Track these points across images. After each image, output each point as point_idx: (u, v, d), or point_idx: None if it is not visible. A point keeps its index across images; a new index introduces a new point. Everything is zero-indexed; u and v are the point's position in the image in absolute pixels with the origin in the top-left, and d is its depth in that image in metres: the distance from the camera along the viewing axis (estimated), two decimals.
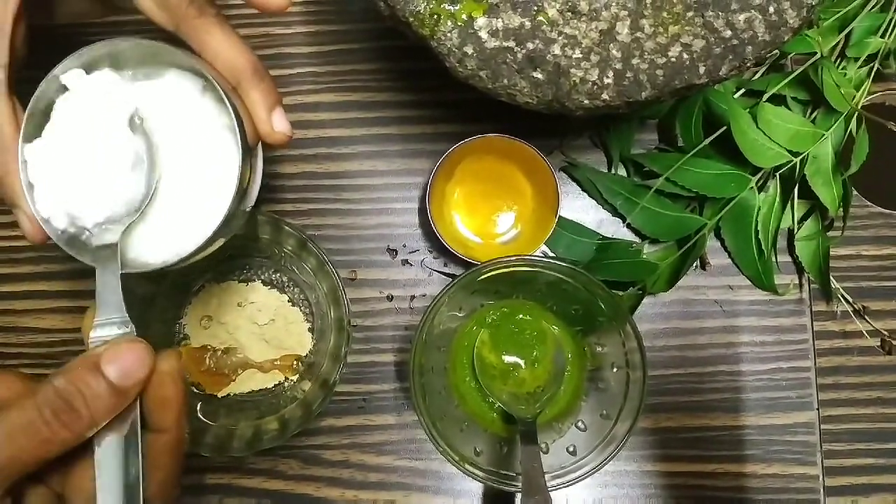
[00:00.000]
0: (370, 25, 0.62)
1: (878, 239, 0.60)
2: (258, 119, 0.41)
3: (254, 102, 0.40)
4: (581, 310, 0.55)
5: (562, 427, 0.55)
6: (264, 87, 0.40)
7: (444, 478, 0.58)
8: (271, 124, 0.41)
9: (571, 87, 0.44)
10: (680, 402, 0.59)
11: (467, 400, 0.57)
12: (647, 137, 0.61)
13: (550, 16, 0.44)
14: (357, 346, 0.59)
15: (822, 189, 0.57)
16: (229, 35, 0.40)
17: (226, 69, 0.40)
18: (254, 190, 0.44)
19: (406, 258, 0.60)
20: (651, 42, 0.44)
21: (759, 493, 0.58)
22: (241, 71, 0.40)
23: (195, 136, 0.41)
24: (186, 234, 0.40)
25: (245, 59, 0.40)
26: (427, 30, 0.44)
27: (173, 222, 0.41)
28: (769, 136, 0.55)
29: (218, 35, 0.39)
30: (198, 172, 0.41)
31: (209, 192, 0.41)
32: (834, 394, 0.59)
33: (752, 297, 0.60)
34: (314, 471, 0.58)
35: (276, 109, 0.41)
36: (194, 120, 0.41)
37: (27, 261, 0.61)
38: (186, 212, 0.41)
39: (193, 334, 0.58)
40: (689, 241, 0.58)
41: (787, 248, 0.60)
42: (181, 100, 0.41)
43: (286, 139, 0.41)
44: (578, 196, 0.61)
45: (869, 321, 0.59)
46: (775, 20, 0.44)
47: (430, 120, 0.61)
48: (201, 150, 0.41)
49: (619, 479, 0.58)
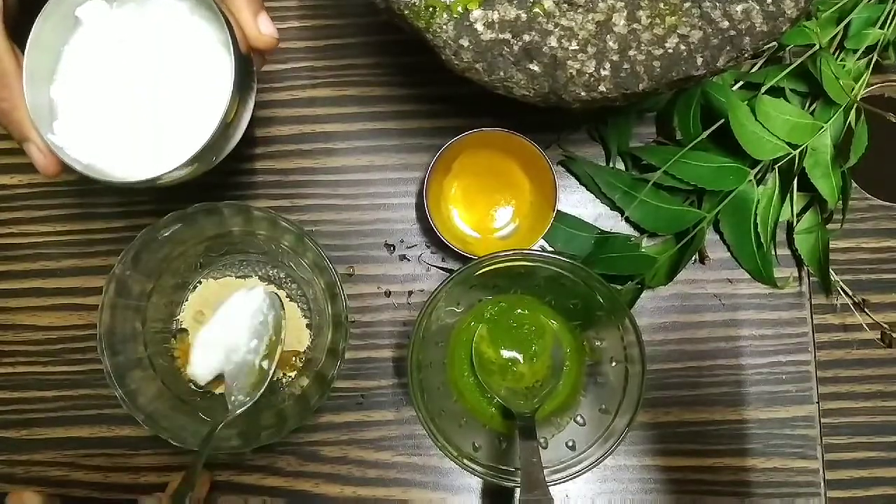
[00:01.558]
0: (366, 20, 0.62)
1: (878, 231, 0.60)
2: (245, 23, 0.43)
3: (239, 9, 0.43)
4: (580, 304, 0.55)
5: (561, 422, 0.54)
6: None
7: (442, 473, 0.58)
8: (258, 28, 0.43)
9: (568, 79, 0.44)
10: (679, 396, 0.59)
11: (466, 395, 0.56)
12: (645, 131, 0.61)
13: (546, 7, 0.43)
14: (355, 342, 0.59)
15: (822, 181, 0.56)
16: None
17: None
18: (244, 119, 0.47)
19: (404, 253, 0.60)
20: (648, 33, 0.43)
21: (759, 487, 0.58)
22: None
23: (188, 53, 0.45)
24: (177, 148, 0.43)
25: None
26: (422, 22, 0.44)
27: (165, 138, 0.45)
28: (768, 129, 0.55)
29: None
30: (192, 88, 0.45)
31: (203, 107, 0.44)
32: (834, 387, 0.59)
33: (751, 291, 0.60)
34: (312, 467, 0.58)
35: (261, 14, 0.44)
36: (187, 39, 0.45)
37: (23, 258, 0.60)
38: (179, 127, 0.45)
39: (191, 329, 0.58)
40: (688, 235, 0.57)
41: (786, 241, 0.60)
42: (173, 22, 0.45)
43: (273, 41, 0.44)
44: (576, 190, 0.61)
45: (869, 314, 0.59)
46: (773, 10, 0.43)
47: (428, 114, 0.61)
48: (195, 66, 0.45)
49: (619, 474, 0.58)
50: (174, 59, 0.45)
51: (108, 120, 0.45)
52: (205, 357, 0.54)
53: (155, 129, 0.45)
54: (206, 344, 0.55)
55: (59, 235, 0.61)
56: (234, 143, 0.48)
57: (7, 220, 0.61)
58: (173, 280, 0.57)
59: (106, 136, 0.45)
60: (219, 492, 0.58)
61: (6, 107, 0.42)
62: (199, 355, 0.54)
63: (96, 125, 0.45)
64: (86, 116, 0.45)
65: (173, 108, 0.45)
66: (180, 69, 0.45)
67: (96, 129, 0.45)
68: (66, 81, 0.45)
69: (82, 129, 0.45)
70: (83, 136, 0.44)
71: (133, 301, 0.54)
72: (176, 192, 0.60)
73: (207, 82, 0.44)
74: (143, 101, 0.44)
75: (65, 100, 0.44)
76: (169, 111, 0.45)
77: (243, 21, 0.43)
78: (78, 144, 0.44)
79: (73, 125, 0.44)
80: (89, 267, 0.60)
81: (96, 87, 0.45)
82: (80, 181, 0.60)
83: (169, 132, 0.45)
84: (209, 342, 0.55)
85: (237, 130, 0.47)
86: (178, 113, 0.45)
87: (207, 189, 0.60)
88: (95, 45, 0.44)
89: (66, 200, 0.61)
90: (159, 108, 0.45)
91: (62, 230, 0.61)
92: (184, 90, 0.45)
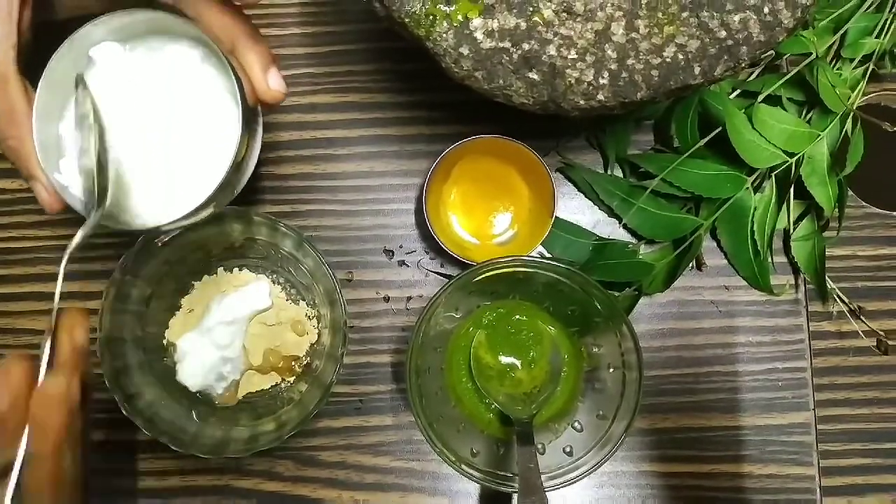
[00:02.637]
0: (366, 27, 0.62)
1: (874, 239, 0.61)
2: (255, 78, 0.43)
3: (250, 64, 0.43)
4: (577, 310, 0.55)
5: (558, 428, 0.55)
6: (259, 49, 0.43)
7: (440, 478, 0.58)
8: (267, 82, 0.43)
9: (567, 87, 0.44)
10: (676, 402, 0.59)
11: (464, 401, 0.57)
12: (643, 138, 0.61)
13: (546, 16, 0.44)
14: (354, 348, 0.59)
15: (818, 189, 0.57)
16: (223, 2, 0.42)
17: (222, 34, 0.42)
18: (251, 160, 0.48)
19: (403, 259, 0.60)
20: (646, 42, 0.44)
21: (755, 493, 0.58)
22: (237, 35, 0.42)
23: (198, 100, 0.45)
24: (189, 192, 0.43)
25: (239, 23, 0.42)
26: (423, 31, 0.44)
27: (177, 183, 0.44)
28: (765, 137, 0.55)
29: (213, 4, 0.42)
30: (202, 134, 0.45)
31: (212, 152, 0.44)
32: (830, 394, 0.59)
33: (748, 298, 0.60)
34: (311, 472, 0.58)
35: (272, 69, 0.43)
36: (196, 87, 0.45)
37: (22, 262, 0.61)
38: (190, 172, 0.44)
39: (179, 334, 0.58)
40: (685, 242, 0.58)
41: (783, 249, 0.60)
42: (183, 68, 0.45)
43: (281, 96, 0.44)
44: (575, 197, 0.61)
45: (865, 321, 0.60)
46: (770, 20, 0.44)
47: (427, 121, 0.61)
48: (205, 113, 0.45)
49: (616, 480, 0.58)
50: (183, 104, 0.45)
51: (114, 161, 0.44)
52: (192, 366, 0.55)
53: (161, 174, 0.45)
54: (192, 352, 0.55)
55: (59, 240, 0.61)
56: (240, 187, 0.48)
57: (7, 224, 0.61)
58: (173, 285, 0.57)
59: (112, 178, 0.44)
60: (217, 496, 0.58)
61: (14, 144, 0.42)
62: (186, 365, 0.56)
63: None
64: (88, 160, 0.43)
65: (180, 153, 0.45)
66: (188, 115, 0.45)
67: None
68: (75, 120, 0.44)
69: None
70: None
71: (133, 306, 0.54)
72: None
73: (215, 129, 0.45)
74: (150, 144, 0.44)
75: (72, 138, 0.44)
76: (176, 157, 0.45)
77: (253, 76, 0.43)
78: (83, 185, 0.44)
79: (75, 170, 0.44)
80: (89, 271, 0.60)
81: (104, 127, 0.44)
82: None
83: (175, 178, 0.45)
84: (194, 349, 0.55)
85: (244, 174, 0.48)
86: (184, 160, 0.45)
87: None
88: (106, 85, 0.44)
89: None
90: (167, 153, 0.45)
91: (62, 234, 0.61)
92: (191, 136, 0.45)
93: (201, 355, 0.55)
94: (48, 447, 0.36)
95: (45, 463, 0.36)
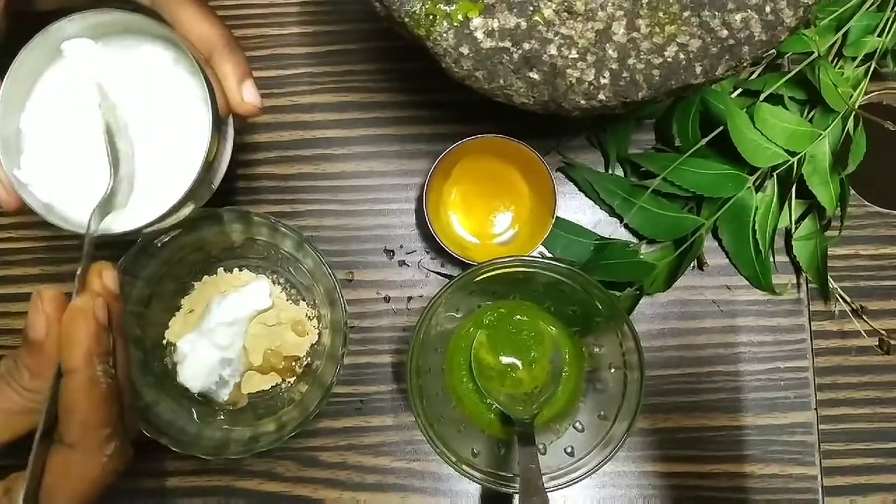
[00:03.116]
0: (366, 26, 0.62)
1: (876, 238, 0.60)
2: (229, 90, 0.42)
3: (225, 74, 0.42)
4: (578, 310, 0.55)
5: (559, 428, 0.54)
6: (235, 60, 0.42)
7: (441, 479, 0.58)
8: (241, 95, 0.42)
9: (568, 87, 0.44)
10: (678, 402, 0.59)
11: (465, 401, 0.56)
12: (644, 137, 0.61)
13: (546, 16, 0.43)
14: (354, 348, 0.59)
15: (820, 189, 0.57)
16: (202, 9, 0.42)
17: (199, 41, 0.42)
18: (222, 165, 0.47)
19: (403, 259, 0.60)
20: (647, 42, 0.43)
21: (757, 493, 0.58)
22: (214, 44, 0.41)
23: (167, 104, 0.44)
24: (155, 201, 0.43)
25: (217, 32, 0.42)
26: (423, 30, 0.44)
27: (142, 189, 0.44)
28: (766, 136, 0.55)
29: (191, 9, 0.41)
30: (169, 140, 0.44)
31: (179, 159, 0.43)
32: (832, 394, 0.59)
33: (749, 297, 0.60)
34: (311, 472, 0.58)
35: (247, 81, 0.43)
36: (167, 89, 0.44)
37: (22, 263, 0.60)
38: (156, 179, 0.44)
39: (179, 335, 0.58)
40: (687, 242, 0.57)
41: (784, 248, 0.60)
42: (155, 69, 0.44)
43: (256, 110, 0.43)
44: (575, 196, 0.61)
45: (867, 321, 0.59)
46: (772, 20, 0.43)
47: (427, 121, 0.61)
48: (173, 118, 0.44)
49: (618, 480, 0.58)
50: (153, 104, 0.44)
51: (76, 160, 0.43)
52: (192, 366, 0.55)
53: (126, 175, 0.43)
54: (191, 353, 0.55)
55: (58, 240, 0.61)
56: (216, 183, 0.47)
57: (6, 224, 0.61)
58: (173, 286, 0.57)
59: (73, 178, 0.43)
60: (218, 497, 0.58)
61: None
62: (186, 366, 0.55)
63: (64, 164, 0.43)
64: (53, 153, 0.43)
65: (150, 153, 0.44)
66: (158, 115, 0.44)
67: (63, 169, 0.43)
68: (37, 113, 0.43)
69: (49, 167, 0.43)
70: (50, 174, 0.43)
71: (132, 306, 0.54)
72: None
73: (185, 130, 0.44)
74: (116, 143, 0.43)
75: (34, 133, 0.43)
76: (146, 157, 0.44)
77: (227, 87, 0.42)
78: (44, 182, 0.43)
79: (40, 161, 0.43)
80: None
81: (67, 123, 0.43)
82: None
83: (146, 179, 0.44)
84: (194, 350, 0.55)
85: (218, 172, 0.47)
86: (154, 160, 0.44)
87: None
88: (72, 79, 0.43)
89: None
90: (132, 154, 0.44)
91: (62, 235, 0.60)
92: (161, 136, 0.44)
93: (202, 356, 0.55)
94: (78, 359, 0.37)
95: (76, 376, 0.37)
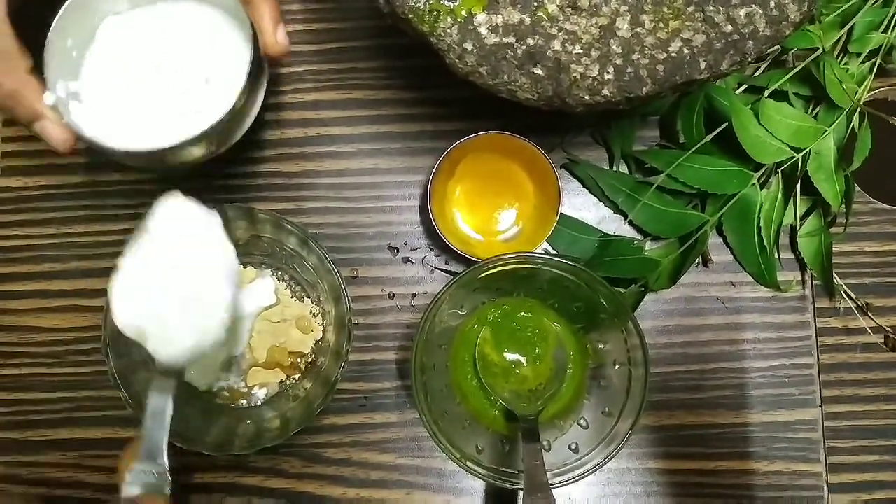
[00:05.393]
0: (370, 23, 0.62)
1: (881, 235, 0.60)
2: (265, 30, 0.46)
3: (261, 16, 0.46)
4: (583, 307, 0.55)
5: (564, 425, 0.54)
6: (271, 4, 0.46)
7: (445, 476, 0.58)
8: (275, 36, 0.46)
9: (572, 82, 0.44)
10: (682, 399, 0.59)
11: (469, 398, 0.56)
12: (648, 134, 0.61)
13: (550, 11, 0.43)
14: (358, 345, 0.59)
15: (825, 185, 0.56)
16: None
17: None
18: (254, 109, 0.51)
19: (407, 256, 0.60)
20: (651, 37, 0.43)
21: (762, 490, 0.58)
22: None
23: (211, 41, 0.50)
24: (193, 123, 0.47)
25: None
26: (426, 26, 0.44)
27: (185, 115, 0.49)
28: (771, 133, 0.55)
29: None
30: (211, 72, 0.50)
31: (220, 89, 0.49)
32: (837, 390, 0.59)
33: (754, 294, 0.60)
34: (316, 469, 0.58)
35: (280, 25, 0.47)
36: (212, 28, 0.50)
37: (28, 260, 0.61)
38: (197, 106, 0.49)
39: None
40: (691, 238, 0.57)
41: (789, 245, 0.60)
42: (201, 11, 0.51)
43: (287, 51, 0.47)
44: (580, 193, 0.61)
45: (872, 318, 0.59)
46: (776, 15, 0.43)
47: (431, 117, 0.61)
48: (216, 53, 0.50)
49: (622, 477, 0.58)
50: (196, 44, 0.50)
51: (124, 94, 0.49)
52: (197, 364, 0.53)
53: (168, 107, 0.49)
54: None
55: (63, 238, 0.61)
56: (240, 133, 0.51)
57: (12, 222, 0.61)
58: None
59: (120, 110, 0.49)
60: (223, 493, 0.58)
61: (11, 87, 0.43)
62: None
63: (112, 99, 0.49)
64: (103, 90, 0.49)
65: (188, 89, 0.49)
66: (200, 55, 0.50)
67: (111, 103, 0.49)
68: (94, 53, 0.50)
69: (98, 102, 0.49)
70: (98, 107, 0.49)
71: None
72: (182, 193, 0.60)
73: (224, 71, 0.49)
74: (162, 79, 0.49)
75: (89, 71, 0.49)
76: (184, 92, 0.49)
77: (264, 28, 0.46)
78: (92, 116, 0.48)
79: (89, 96, 0.48)
80: (94, 269, 0.60)
81: (118, 62, 0.50)
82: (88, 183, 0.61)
83: (182, 112, 0.49)
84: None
85: (245, 121, 0.51)
86: (193, 95, 0.49)
87: (212, 191, 0.60)
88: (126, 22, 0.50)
89: (70, 203, 0.61)
90: (176, 88, 0.49)
91: (67, 232, 0.61)
92: (201, 75, 0.50)
93: None
94: None
95: None
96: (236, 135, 0.51)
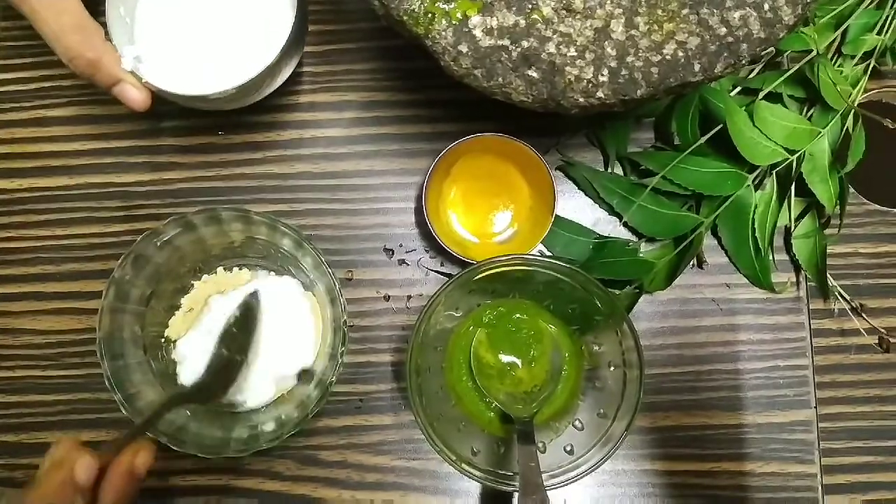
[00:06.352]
0: (365, 25, 0.62)
1: (876, 236, 0.60)
2: None
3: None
4: (578, 309, 0.55)
5: (559, 426, 0.54)
6: None
7: (441, 478, 0.58)
8: None
9: (566, 85, 0.44)
10: (677, 400, 0.59)
11: (464, 400, 0.56)
12: (643, 136, 0.61)
13: (545, 14, 0.43)
14: (354, 347, 0.59)
15: (819, 187, 0.57)
16: None
17: None
18: (292, 62, 0.55)
19: (403, 258, 0.60)
20: (646, 40, 0.43)
21: (756, 491, 0.58)
22: None
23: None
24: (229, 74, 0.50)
25: None
26: (421, 28, 0.44)
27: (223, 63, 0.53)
28: (765, 134, 0.55)
29: None
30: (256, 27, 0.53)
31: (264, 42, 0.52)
32: (832, 392, 0.59)
33: (749, 296, 0.60)
34: (311, 471, 0.58)
35: None
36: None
37: (23, 262, 0.61)
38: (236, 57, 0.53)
39: (179, 333, 0.58)
40: (686, 240, 0.57)
41: (784, 246, 0.60)
42: None
43: None
44: (575, 195, 0.61)
45: (866, 319, 0.59)
46: (770, 17, 0.43)
47: (427, 119, 0.61)
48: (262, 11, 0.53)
49: (617, 479, 0.58)
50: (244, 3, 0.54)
51: (178, 47, 0.53)
52: (192, 367, 0.55)
53: (213, 52, 0.53)
54: (191, 354, 0.55)
55: (58, 240, 0.61)
56: (276, 83, 0.55)
57: (7, 224, 0.61)
58: (173, 285, 0.57)
59: (175, 61, 0.52)
60: (218, 495, 0.58)
61: (93, 56, 0.47)
62: (186, 367, 0.56)
63: (167, 52, 0.52)
64: (159, 44, 0.53)
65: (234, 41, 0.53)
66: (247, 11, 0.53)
67: (168, 56, 0.52)
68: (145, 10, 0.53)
69: (156, 56, 0.52)
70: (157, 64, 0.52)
71: (132, 305, 0.54)
72: (176, 195, 0.60)
73: (268, 25, 0.53)
74: (210, 32, 0.53)
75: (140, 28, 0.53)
76: (230, 44, 0.53)
77: None
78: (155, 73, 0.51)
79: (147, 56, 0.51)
80: (89, 271, 0.60)
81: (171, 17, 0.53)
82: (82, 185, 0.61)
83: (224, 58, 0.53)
84: (194, 351, 0.55)
85: (282, 73, 0.54)
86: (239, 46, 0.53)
87: (207, 193, 0.60)
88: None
89: (65, 205, 0.61)
90: (223, 40, 0.53)
91: (62, 234, 0.61)
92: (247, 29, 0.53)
93: (202, 356, 0.55)
94: None
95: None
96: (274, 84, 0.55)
